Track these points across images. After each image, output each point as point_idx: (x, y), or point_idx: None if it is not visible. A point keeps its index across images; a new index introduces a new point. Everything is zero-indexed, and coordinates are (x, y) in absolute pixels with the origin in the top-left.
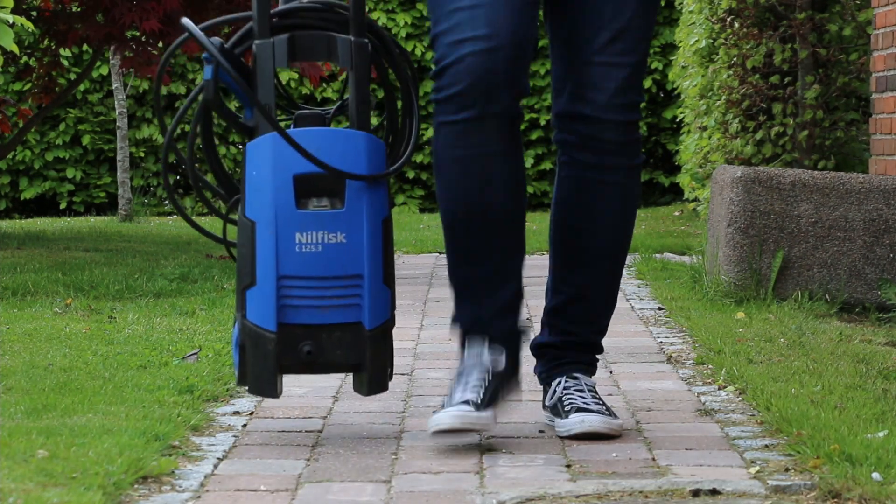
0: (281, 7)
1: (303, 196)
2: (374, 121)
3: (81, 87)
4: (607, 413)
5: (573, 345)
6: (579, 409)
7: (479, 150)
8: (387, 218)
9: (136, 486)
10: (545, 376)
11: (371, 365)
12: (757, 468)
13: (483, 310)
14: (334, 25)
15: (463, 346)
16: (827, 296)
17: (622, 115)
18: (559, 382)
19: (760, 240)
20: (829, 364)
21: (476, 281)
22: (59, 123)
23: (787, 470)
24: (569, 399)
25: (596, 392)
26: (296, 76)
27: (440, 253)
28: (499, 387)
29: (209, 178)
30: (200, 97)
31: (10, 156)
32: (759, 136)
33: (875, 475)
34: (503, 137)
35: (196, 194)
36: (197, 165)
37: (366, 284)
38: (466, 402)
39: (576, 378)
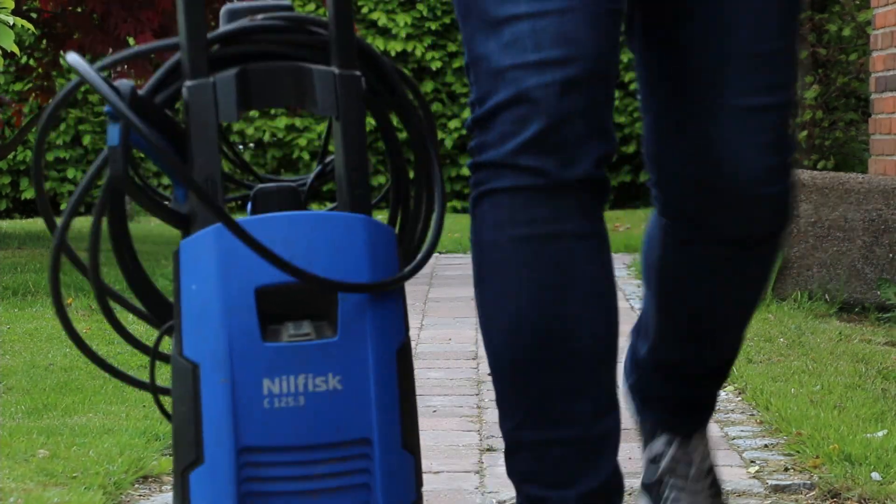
0: (224, 28)
1: (272, 321)
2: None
3: (82, 88)
4: None
5: (686, 404)
6: None
7: (552, 227)
8: (404, 345)
9: (136, 485)
10: (648, 427)
11: None
12: (756, 468)
13: (571, 493)
14: (306, 52)
15: None
16: (826, 296)
17: (777, 186)
18: (664, 443)
19: None
20: (828, 364)
21: (556, 447)
22: (59, 123)
23: (786, 470)
24: (674, 499)
25: (711, 470)
26: None
27: (440, 253)
28: None
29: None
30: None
31: (10, 156)
32: None
33: (874, 475)
34: (586, 215)
35: (104, 316)
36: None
37: (377, 453)
38: None
39: (686, 448)
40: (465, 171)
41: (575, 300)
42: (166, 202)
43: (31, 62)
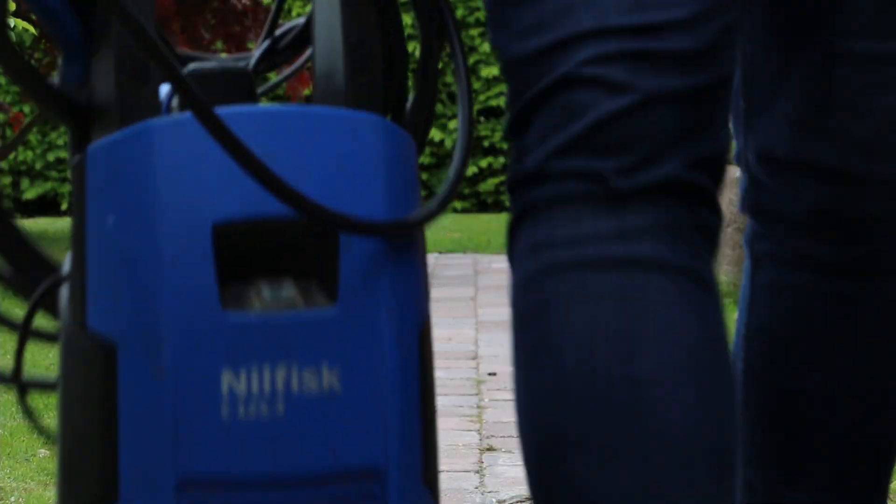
0: None
1: (236, 276)
2: None
3: None
4: None
5: None
6: None
7: (623, 289)
8: (425, 324)
9: None
10: None
11: None
12: None
13: None
14: None
15: None
16: None
17: None
18: None
19: None
20: None
21: None
22: (60, 124)
23: None
24: None
25: None
26: None
27: (440, 253)
28: None
29: None
30: None
31: (11, 156)
32: None
33: None
34: (669, 240)
35: None
36: None
37: (390, 492)
38: None
39: None
40: (465, 172)
41: (653, 355)
42: (54, 89)
43: (31, 63)
